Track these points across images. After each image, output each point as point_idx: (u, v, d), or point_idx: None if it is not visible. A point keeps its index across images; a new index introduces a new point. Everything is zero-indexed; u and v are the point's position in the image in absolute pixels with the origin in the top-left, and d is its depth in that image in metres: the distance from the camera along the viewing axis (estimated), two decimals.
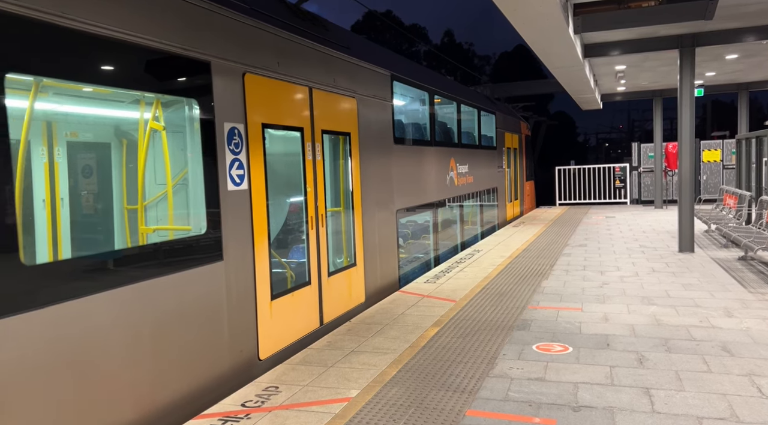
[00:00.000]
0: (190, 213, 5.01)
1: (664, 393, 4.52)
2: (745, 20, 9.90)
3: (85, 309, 3.76)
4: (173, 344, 4.50)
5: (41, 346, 3.47)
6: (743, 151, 14.40)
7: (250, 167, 5.48)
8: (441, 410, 4.33)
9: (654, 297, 7.56)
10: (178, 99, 4.83)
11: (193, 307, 4.72)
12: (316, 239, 6.72)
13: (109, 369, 3.94)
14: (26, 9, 3.41)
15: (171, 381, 4.47)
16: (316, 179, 6.74)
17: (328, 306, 6.92)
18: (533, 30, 8.95)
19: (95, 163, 5.22)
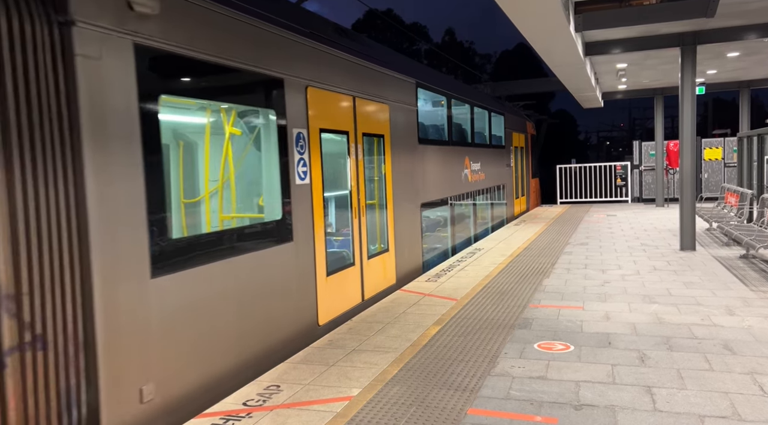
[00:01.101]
0: (271, 202, 6.10)
1: (665, 391, 4.52)
2: (747, 18, 9.88)
3: (229, 266, 5.15)
4: (264, 305, 5.66)
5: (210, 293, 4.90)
6: (744, 149, 14.38)
7: (310, 165, 6.59)
8: (442, 409, 4.33)
9: (655, 296, 7.56)
10: (265, 109, 5.96)
11: (276, 276, 5.87)
12: (359, 226, 7.82)
13: (229, 319, 5.13)
14: (169, 45, 4.53)
15: (268, 333, 5.70)
16: (358, 176, 7.84)
17: (368, 285, 8.03)
18: (534, 28, 8.93)
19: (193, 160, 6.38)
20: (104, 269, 3.94)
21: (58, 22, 3.74)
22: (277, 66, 5.96)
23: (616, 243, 12.14)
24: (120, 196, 4.08)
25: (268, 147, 6.04)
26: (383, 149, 8.75)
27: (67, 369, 3.77)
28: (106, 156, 4.01)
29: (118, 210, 4.05)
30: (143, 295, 4.24)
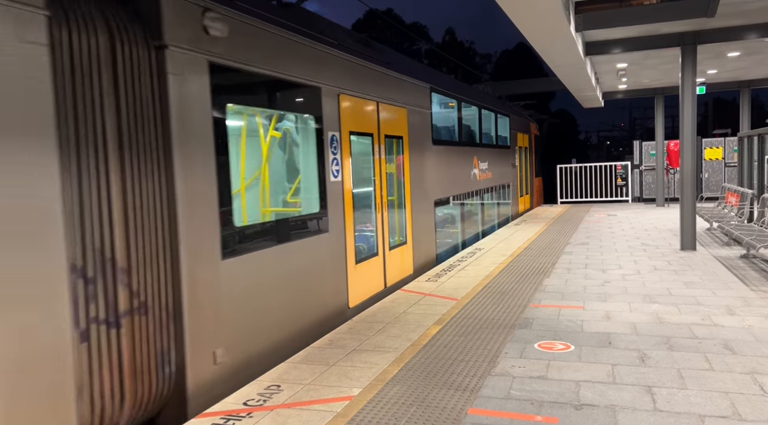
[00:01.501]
0: (311, 197, 6.92)
1: (666, 391, 4.52)
2: (748, 18, 9.87)
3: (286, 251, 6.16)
4: (307, 287, 6.55)
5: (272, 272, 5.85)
6: (745, 149, 14.38)
7: (342, 164, 7.38)
8: (443, 408, 4.33)
9: (656, 295, 7.56)
10: (306, 115, 6.77)
11: (316, 262, 6.75)
12: (381, 220, 8.66)
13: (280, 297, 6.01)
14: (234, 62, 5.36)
15: (310, 310, 6.59)
16: (381, 174, 8.67)
17: (389, 273, 8.86)
18: (534, 28, 8.93)
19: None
20: (188, 251, 4.75)
21: (154, 46, 4.54)
22: (315, 76, 6.82)
23: (617, 243, 12.14)
24: (199, 192, 4.89)
25: (307, 148, 6.92)
26: (402, 150, 9.58)
27: (162, 333, 4.56)
28: (188, 158, 4.80)
29: (197, 204, 4.86)
30: (216, 274, 5.06)
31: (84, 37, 4.04)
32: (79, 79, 4.01)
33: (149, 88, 4.51)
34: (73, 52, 3.98)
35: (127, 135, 4.29)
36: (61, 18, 3.89)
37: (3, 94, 3.36)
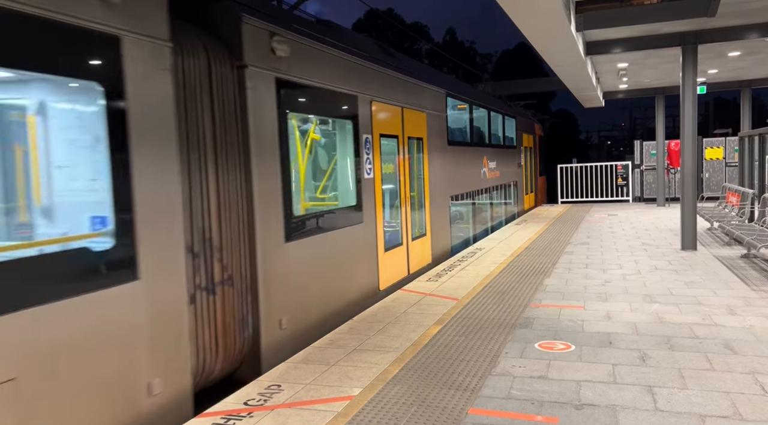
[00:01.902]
0: (350, 192, 7.92)
1: (666, 391, 4.52)
2: (748, 17, 9.86)
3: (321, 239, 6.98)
4: (349, 269, 7.56)
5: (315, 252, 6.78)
6: (746, 148, 14.36)
7: (374, 163, 8.36)
8: (443, 408, 4.33)
9: (656, 295, 7.55)
10: (346, 120, 7.79)
11: (354, 248, 7.78)
12: (405, 213, 9.63)
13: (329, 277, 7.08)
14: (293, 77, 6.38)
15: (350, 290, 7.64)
16: (405, 172, 9.68)
17: (412, 262, 9.84)
18: (535, 28, 8.92)
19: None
20: (261, 235, 5.74)
21: (236, 66, 5.53)
22: (353, 86, 7.85)
23: (617, 243, 12.13)
24: (268, 186, 5.89)
25: (347, 150, 7.90)
26: (422, 150, 10.57)
27: (242, 301, 5.53)
28: (261, 159, 5.75)
29: (267, 196, 5.86)
30: (281, 254, 6.07)
31: (189, 61, 5.01)
32: (189, 95, 4.98)
33: (233, 101, 5.51)
34: (185, 74, 4.95)
35: (219, 140, 5.28)
36: (177, 47, 4.82)
37: (152, 111, 4.41)
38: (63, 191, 4.31)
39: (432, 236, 10.92)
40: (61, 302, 3.63)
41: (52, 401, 3.57)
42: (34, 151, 4.27)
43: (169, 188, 4.56)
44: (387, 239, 8.88)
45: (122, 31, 4.18)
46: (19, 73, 3.77)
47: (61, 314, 3.63)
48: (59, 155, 4.28)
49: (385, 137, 8.85)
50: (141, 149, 4.32)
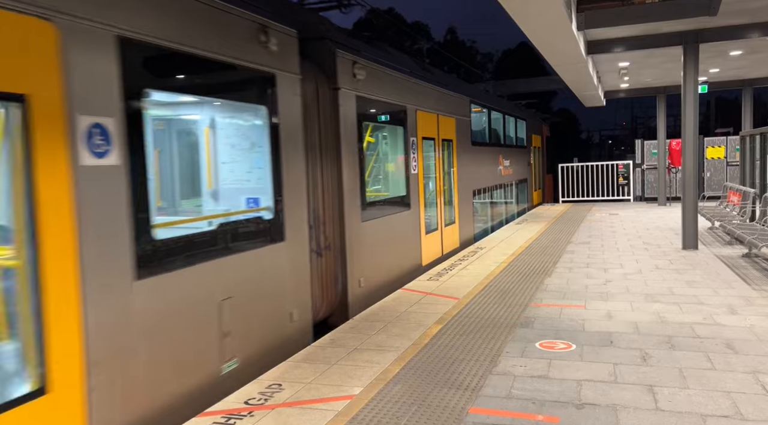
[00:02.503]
0: (401, 185, 9.76)
1: (667, 390, 4.51)
2: (750, 16, 9.84)
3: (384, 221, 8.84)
4: (401, 248, 9.41)
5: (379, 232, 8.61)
6: (747, 147, 14.34)
7: (417, 161, 10.19)
8: (444, 407, 4.33)
9: (657, 295, 7.55)
10: (401, 126, 9.67)
11: (406, 229, 9.62)
12: (439, 204, 11.51)
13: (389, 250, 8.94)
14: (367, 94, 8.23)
15: (405, 261, 9.57)
16: (439, 168, 11.51)
17: (444, 244, 11.68)
18: (536, 27, 8.91)
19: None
20: (347, 216, 7.53)
21: (332, 88, 7.37)
22: (405, 99, 9.78)
23: (618, 242, 12.12)
24: (351, 178, 7.67)
25: (399, 149, 9.75)
26: (452, 150, 12.40)
27: (336, 264, 7.40)
28: (347, 158, 7.56)
29: (351, 186, 7.65)
30: (358, 231, 7.87)
31: (306, 87, 6.70)
32: (306, 111, 6.68)
33: (329, 114, 7.33)
34: (303, 96, 6.57)
35: (323, 143, 7.13)
36: (301, 78, 6.47)
37: (291, 124, 6.21)
38: (236, 180, 6.25)
39: (459, 224, 12.78)
40: (254, 250, 5.54)
41: (247, 312, 5.41)
42: (209, 152, 6.15)
43: (300, 178, 6.37)
44: (427, 224, 10.70)
45: (277, 70, 5.98)
46: (227, 101, 5.75)
47: (252, 257, 5.50)
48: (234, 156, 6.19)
49: (425, 139, 10.72)
50: (287, 151, 6.12)
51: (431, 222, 11.01)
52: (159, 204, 6.18)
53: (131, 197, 4.15)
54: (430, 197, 11.10)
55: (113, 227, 4.01)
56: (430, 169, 11.13)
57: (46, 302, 3.47)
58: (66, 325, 3.59)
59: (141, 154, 4.26)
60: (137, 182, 4.21)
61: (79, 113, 3.78)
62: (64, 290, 3.60)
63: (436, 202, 11.34)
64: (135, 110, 4.21)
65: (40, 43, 3.52)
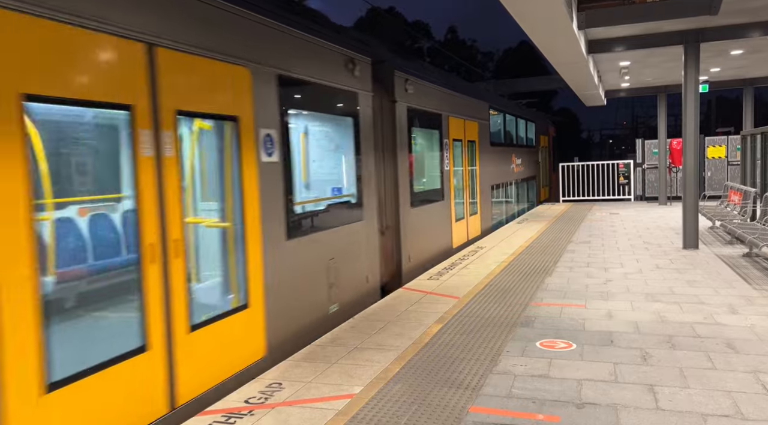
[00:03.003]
0: (436, 179, 11.48)
1: (668, 390, 4.51)
2: (751, 16, 9.83)
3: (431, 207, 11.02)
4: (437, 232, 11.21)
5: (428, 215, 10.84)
6: (748, 147, 14.34)
7: (449, 159, 12.04)
8: (444, 407, 4.33)
9: (658, 294, 7.54)
10: (439, 131, 11.52)
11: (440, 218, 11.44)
12: (465, 196, 13.41)
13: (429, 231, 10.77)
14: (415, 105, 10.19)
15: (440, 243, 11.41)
16: (465, 166, 13.48)
17: (469, 231, 13.64)
18: (537, 26, 8.91)
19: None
20: (401, 203, 9.32)
21: (390, 100, 9.17)
22: (440, 108, 11.61)
23: (619, 241, 12.12)
24: (403, 173, 9.50)
25: (435, 149, 11.56)
26: (475, 150, 14.28)
27: (392, 241, 9.18)
28: (400, 156, 9.37)
29: (403, 178, 9.44)
30: (408, 216, 9.65)
31: (374, 101, 8.47)
32: (374, 119, 8.43)
33: (389, 121, 9.24)
34: (372, 108, 8.35)
35: (384, 145, 9.10)
36: (368, 92, 8.19)
37: (366, 130, 8.01)
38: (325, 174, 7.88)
39: (480, 215, 14.67)
40: (336, 228, 7.21)
41: (342, 271, 7.29)
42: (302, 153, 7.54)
43: (371, 173, 8.26)
44: (456, 213, 12.58)
45: (358, 90, 7.85)
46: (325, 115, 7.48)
47: (344, 231, 7.40)
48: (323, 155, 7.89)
49: (454, 141, 12.53)
50: (364, 151, 8.00)
51: (459, 212, 12.91)
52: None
53: (284, 184, 6.02)
54: (458, 191, 12.93)
55: (276, 203, 5.87)
56: (460, 166, 13.14)
57: (246, 250, 5.36)
58: (256, 265, 5.50)
59: (288, 153, 6.14)
60: (287, 173, 6.10)
61: (260, 127, 5.65)
62: (254, 243, 5.49)
63: (462, 195, 13.26)
64: (285, 123, 6.10)
65: (242, 82, 5.35)
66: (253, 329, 5.46)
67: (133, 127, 4.18)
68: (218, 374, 4.94)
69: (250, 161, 5.46)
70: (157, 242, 4.33)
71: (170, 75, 4.53)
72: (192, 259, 5.08)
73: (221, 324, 5.02)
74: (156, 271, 4.31)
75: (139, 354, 4.14)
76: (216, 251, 5.44)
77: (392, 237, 9.28)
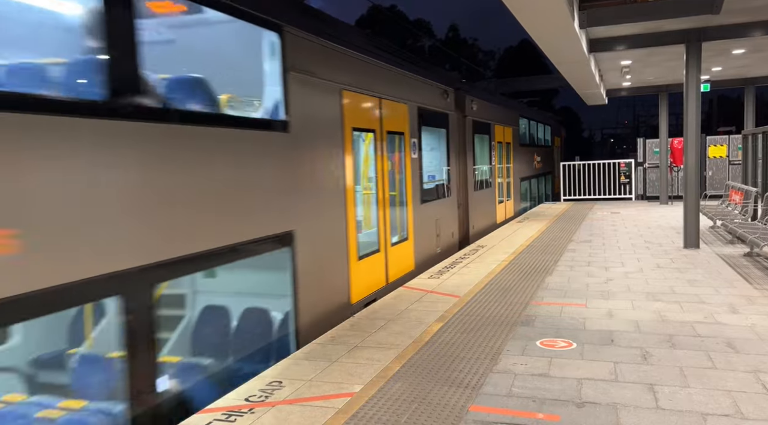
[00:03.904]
0: (486, 172, 15.42)
1: (668, 389, 4.51)
2: (753, 15, 9.82)
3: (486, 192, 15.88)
4: (487, 210, 15.71)
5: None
6: (749, 146, 14.32)
7: (494, 157, 16.31)
8: (444, 405, 4.33)
9: (659, 293, 7.54)
10: (488, 136, 15.74)
11: (488, 200, 15.92)
12: (503, 186, 17.29)
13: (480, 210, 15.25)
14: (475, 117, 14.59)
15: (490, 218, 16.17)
16: (504, 162, 17.21)
17: (506, 212, 17.62)
18: (538, 25, 8.90)
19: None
20: (468, 187, 13.79)
21: (463, 116, 13.41)
22: (490, 118, 15.53)
23: (620, 241, 12.12)
24: (470, 167, 13.89)
25: (485, 150, 15.30)
26: (510, 149, 18.46)
27: (464, 214, 13.58)
28: (468, 154, 13.69)
29: (470, 170, 13.85)
30: (473, 197, 14.12)
31: (452, 116, 12.37)
32: (452, 130, 12.54)
33: (462, 131, 13.27)
34: (455, 120, 12.71)
35: (459, 147, 12.97)
36: (454, 112, 12.61)
37: (452, 138, 12.53)
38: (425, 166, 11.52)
39: (513, 200, 19.07)
40: (439, 200, 11.56)
41: (442, 228, 11.64)
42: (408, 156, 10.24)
43: (454, 165, 12.32)
44: (498, 198, 16.86)
45: (448, 111, 12.04)
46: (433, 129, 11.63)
47: (441, 202, 11.73)
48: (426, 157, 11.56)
49: (498, 143, 16.62)
50: (451, 151, 12.32)
51: (500, 197, 17.15)
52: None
53: (419, 171, 10.33)
54: (500, 181, 17.06)
55: (416, 182, 10.18)
56: (501, 162, 17.19)
57: (407, 208, 9.68)
58: (410, 216, 9.83)
59: (420, 153, 10.34)
60: (421, 165, 10.48)
61: (411, 137, 9.92)
62: (409, 204, 9.82)
63: (502, 184, 17.42)
64: (419, 134, 10.25)
65: (404, 112, 9.54)
66: (410, 251, 9.86)
67: (376, 139, 8.55)
68: (400, 271, 9.30)
69: (407, 157, 9.81)
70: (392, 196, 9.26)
71: (386, 112, 8.92)
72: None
73: (400, 246, 9.40)
74: (386, 213, 8.87)
75: (377, 253, 8.49)
76: (394, 207, 9.37)
77: (464, 211, 13.58)
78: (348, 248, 7.39)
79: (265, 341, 6.10)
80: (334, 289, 7.05)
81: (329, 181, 6.92)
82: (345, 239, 7.29)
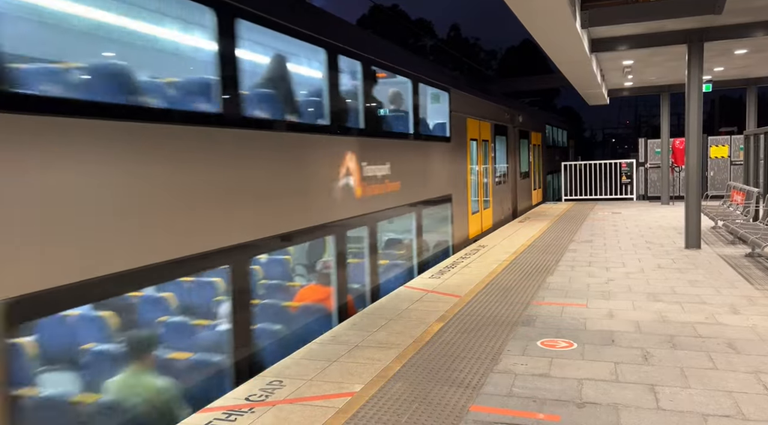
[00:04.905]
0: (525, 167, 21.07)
1: (669, 389, 4.50)
2: (755, 15, 9.80)
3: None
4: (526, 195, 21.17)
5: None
6: (751, 147, 14.30)
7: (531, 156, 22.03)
8: (445, 405, 4.33)
9: (660, 294, 7.53)
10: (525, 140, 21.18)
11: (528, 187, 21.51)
12: (535, 177, 22.71)
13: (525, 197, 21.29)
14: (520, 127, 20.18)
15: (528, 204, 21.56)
16: (536, 159, 22.78)
17: (538, 198, 23.16)
18: (540, 25, 8.90)
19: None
20: (516, 177, 19.35)
21: (513, 127, 18.62)
22: (529, 126, 21.30)
23: (621, 241, 12.10)
24: (518, 163, 19.59)
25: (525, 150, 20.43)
26: (540, 150, 23.02)
27: (513, 196, 18.77)
28: (517, 154, 19.34)
29: (518, 166, 19.56)
30: (518, 183, 19.49)
31: (510, 129, 18.09)
32: (509, 138, 18.07)
33: (512, 138, 18.47)
34: (510, 130, 18.22)
35: (511, 150, 18.36)
36: (510, 125, 18.16)
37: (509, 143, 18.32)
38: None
39: (542, 190, 23.70)
40: (502, 184, 17.56)
41: (503, 203, 17.32)
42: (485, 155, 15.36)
43: (510, 161, 18.07)
44: (533, 186, 21.46)
45: (508, 124, 17.86)
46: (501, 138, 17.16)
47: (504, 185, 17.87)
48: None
49: (533, 145, 21.36)
50: (510, 153, 18.09)
51: (534, 185, 21.97)
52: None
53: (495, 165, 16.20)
54: (534, 174, 21.91)
55: (493, 172, 15.79)
56: (535, 159, 21.83)
57: (489, 189, 15.68)
58: (491, 194, 15.79)
59: (495, 153, 16.00)
60: (495, 161, 16.30)
61: (491, 142, 15.70)
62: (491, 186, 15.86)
63: (535, 176, 22.20)
64: (495, 140, 16.00)
65: (488, 127, 15.32)
66: (490, 217, 15.06)
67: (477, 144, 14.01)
68: (486, 226, 14.46)
69: (489, 155, 14.93)
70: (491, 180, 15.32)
71: (472, 126, 13.55)
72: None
73: (483, 212, 14.46)
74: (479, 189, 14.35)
75: (477, 213, 14.00)
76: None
77: (513, 194, 18.22)
78: (468, 207, 13.31)
79: (442, 249, 11.82)
80: (463, 228, 12.88)
81: (461, 167, 12.77)
82: (467, 202, 13.19)
